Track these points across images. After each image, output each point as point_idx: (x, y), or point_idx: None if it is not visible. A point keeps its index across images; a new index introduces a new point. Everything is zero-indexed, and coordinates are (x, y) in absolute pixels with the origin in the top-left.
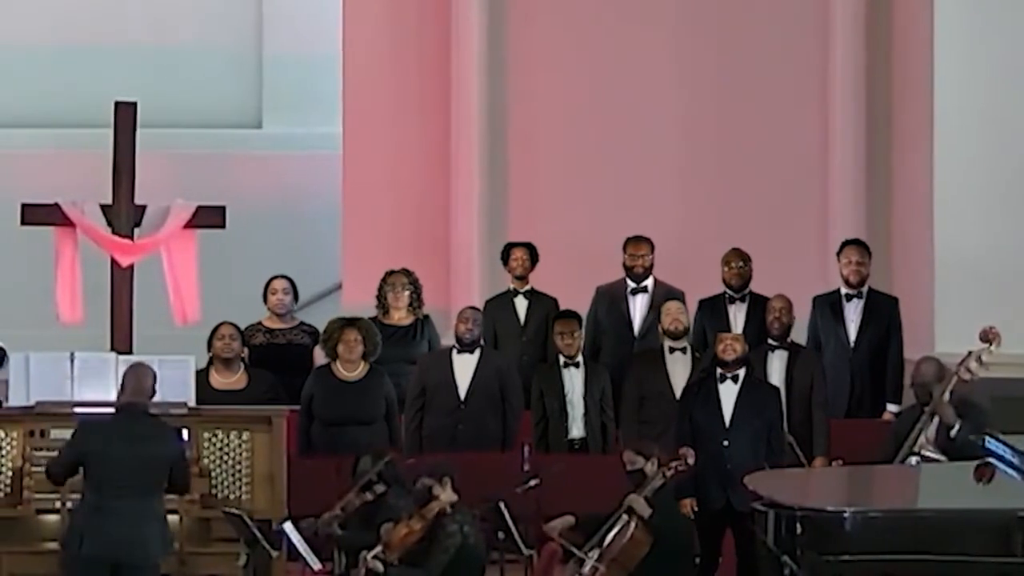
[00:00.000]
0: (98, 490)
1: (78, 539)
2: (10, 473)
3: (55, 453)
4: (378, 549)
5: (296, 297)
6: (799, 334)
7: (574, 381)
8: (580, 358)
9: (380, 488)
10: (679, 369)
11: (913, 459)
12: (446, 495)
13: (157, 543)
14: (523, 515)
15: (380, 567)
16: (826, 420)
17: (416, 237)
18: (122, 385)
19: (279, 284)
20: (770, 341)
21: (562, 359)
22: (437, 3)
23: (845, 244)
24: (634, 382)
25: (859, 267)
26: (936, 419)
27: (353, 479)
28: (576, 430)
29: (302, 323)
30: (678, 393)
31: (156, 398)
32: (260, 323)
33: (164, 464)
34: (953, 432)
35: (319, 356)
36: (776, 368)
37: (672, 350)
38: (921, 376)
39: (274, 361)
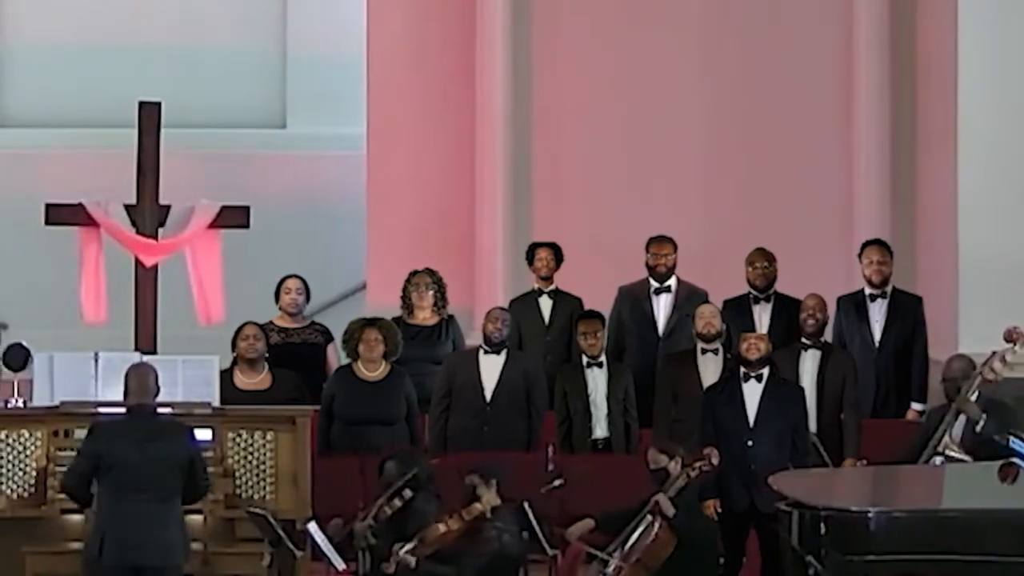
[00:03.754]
0: (115, 494)
1: (98, 546)
2: (34, 473)
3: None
4: (412, 544)
5: (308, 297)
6: (826, 333)
7: (597, 381)
8: (603, 358)
9: (408, 493)
10: (710, 369)
11: (937, 459)
12: (489, 497)
13: (178, 546)
14: (547, 515)
15: (412, 562)
16: (858, 421)
17: (440, 237)
18: (125, 387)
19: (293, 283)
20: (803, 340)
21: (585, 359)
22: (462, 3)
23: (866, 244)
24: (666, 382)
25: (880, 267)
26: (961, 418)
27: (380, 483)
28: (600, 430)
29: (313, 322)
30: None
31: (180, 398)
32: (272, 323)
33: (177, 464)
34: (979, 427)
35: (331, 355)
36: (808, 368)
37: (704, 351)
38: (951, 372)
39: (290, 360)
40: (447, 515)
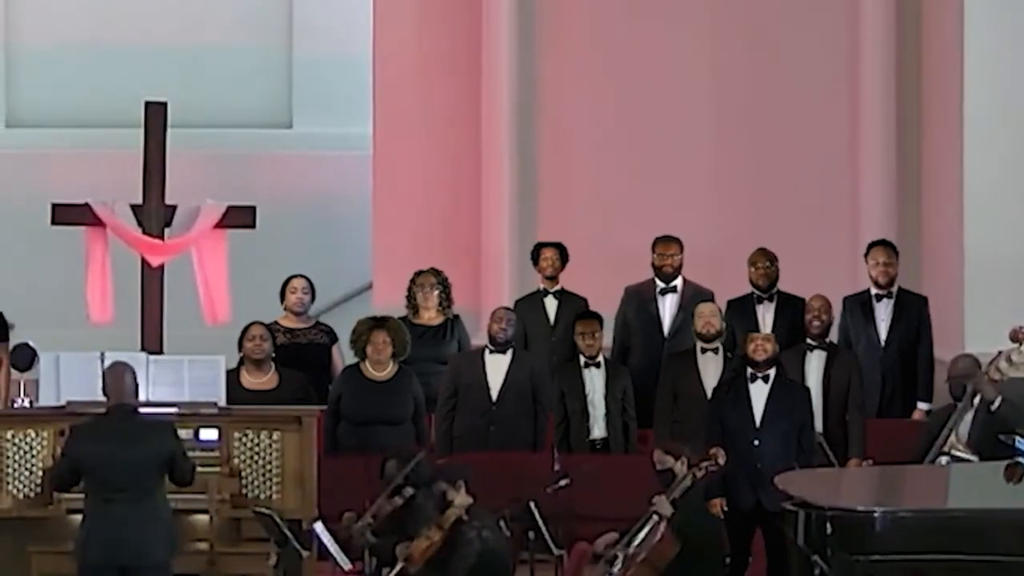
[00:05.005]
0: (95, 495)
1: (83, 546)
2: (40, 473)
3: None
4: (400, 566)
5: (314, 296)
6: (831, 334)
7: (595, 381)
8: (601, 358)
9: (409, 491)
10: (711, 369)
11: (943, 459)
12: (460, 499)
13: (161, 544)
14: (553, 515)
15: None
16: (863, 421)
17: (446, 237)
18: (103, 389)
19: (299, 283)
20: (808, 341)
21: (583, 359)
22: (468, 4)
23: (872, 245)
24: (667, 382)
25: (887, 267)
26: (967, 417)
27: (381, 483)
28: (598, 430)
29: (318, 322)
30: (710, 393)
31: (186, 398)
32: (277, 323)
33: (157, 463)
34: (994, 406)
35: (335, 355)
36: (814, 368)
37: (704, 350)
38: (957, 370)
39: (297, 360)
40: (426, 528)
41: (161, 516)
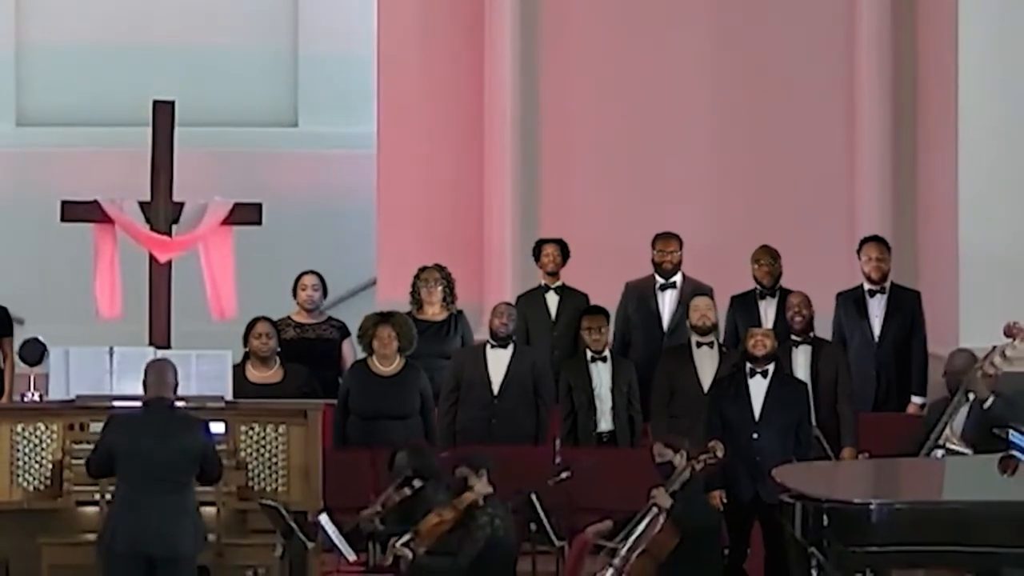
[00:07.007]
0: (128, 485)
1: (111, 535)
2: (50, 466)
3: (93, 446)
4: (407, 537)
5: (325, 292)
6: (825, 330)
7: (602, 376)
8: (607, 353)
9: (417, 483)
10: (707, 364)
11: (938, 452)
12: (481, 486)
13: (189, 537)
14: (555, 507)
15: (408, 554)
16: (854, 411)
17: (449, 234)
18: (144, 382)
19: (309, 280)
20: (793, 337)
21: (589, 354)
22: (470, 2)
23: (864, 241)
24: (663, 376)
25: (879, 263)
26: (962, 411)
27: (390, 474)
28: (604, 423)
29: (330, 318)
30: (706, 387)
31: (193, 392)
32: (289, 317)
33: (192, 457)
34: (987, 404)
35: (346, 350)
36: (801, 363)
37: (700, 344)
38: (953, 365)
39: (305, 355)
40: (440, 506)
41: (190, 510)
